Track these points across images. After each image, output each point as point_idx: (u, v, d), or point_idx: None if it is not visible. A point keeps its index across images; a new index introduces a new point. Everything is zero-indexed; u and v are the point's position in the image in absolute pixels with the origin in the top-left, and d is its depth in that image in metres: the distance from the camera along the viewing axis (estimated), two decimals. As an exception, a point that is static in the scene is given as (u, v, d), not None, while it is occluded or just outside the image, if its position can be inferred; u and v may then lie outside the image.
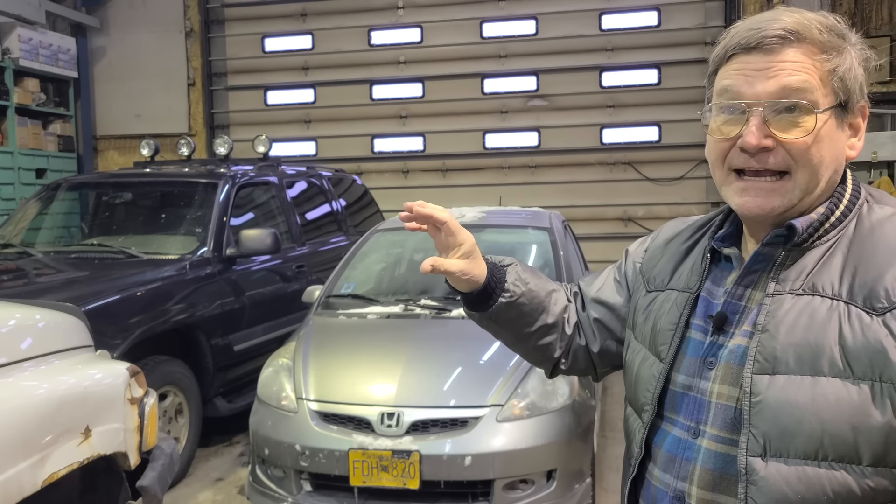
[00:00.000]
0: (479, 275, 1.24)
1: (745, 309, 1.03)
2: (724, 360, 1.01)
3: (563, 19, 8.34)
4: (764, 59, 0.99)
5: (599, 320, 1.30)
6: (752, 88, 1.00)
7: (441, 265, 1.20)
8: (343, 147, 8.84)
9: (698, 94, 8.18)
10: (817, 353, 0.93)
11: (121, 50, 9.16)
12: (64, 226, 5.47)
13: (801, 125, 0.98)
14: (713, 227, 1.16)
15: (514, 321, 1.28)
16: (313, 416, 3.30)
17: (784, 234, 1.01)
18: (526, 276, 1.28)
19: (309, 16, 8.90)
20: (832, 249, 1.00)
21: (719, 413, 1.00)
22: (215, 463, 4.52)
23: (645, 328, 1.16)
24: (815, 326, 0.95)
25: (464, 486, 3.14)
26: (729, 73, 1.03)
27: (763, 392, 0.95)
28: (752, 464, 0.94)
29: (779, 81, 0.98)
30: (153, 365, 3.95)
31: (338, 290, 4.35)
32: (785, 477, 0.92)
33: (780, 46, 0.98)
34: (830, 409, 0.91)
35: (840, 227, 1.01)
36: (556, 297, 1.31)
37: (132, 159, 6.96)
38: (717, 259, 1.12)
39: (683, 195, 8.18)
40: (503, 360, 3.42)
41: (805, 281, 0.98)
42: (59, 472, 2.14)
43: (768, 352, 0.96)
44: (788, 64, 0.98)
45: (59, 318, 2.54)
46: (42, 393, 2.17)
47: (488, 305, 1.26)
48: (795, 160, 0.99)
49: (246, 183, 5.19)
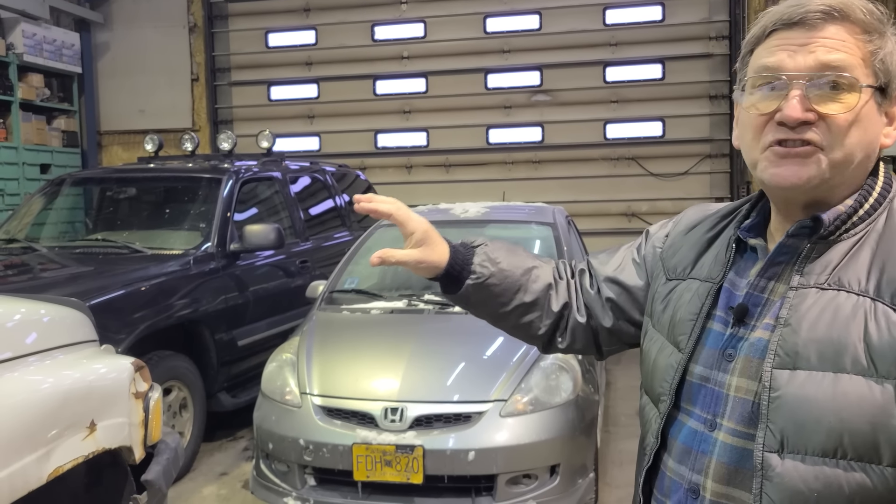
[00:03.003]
0: (438, 260, 1.22)
1: (767, 301, 1.00)
2: (744, 353, 0.99)
3: (566, 14, 8.31)
4: (806, 34, 0.97)
5: (613, 300, 1.27)
6: (793, 61, 0.97)
7: (391, 256, 1.18)
8: (346, 142, 8.84)
9: (703, 90, 8.16)
10: (840, 350, 0.91)
11: (124, 45, 9.16)
12: (68, 221, 5.48)
13: (843, 101, 0.95)
14: (739, 217, 1.13)
15: (487, 301, 1.26)
16: (317, 410, 3.30)
17: (810, 225, 0.99)
18: (497, 256, 1.26)
19: (312, 11, 8.89)
20: (860, 243, 0.97)
21: (737, 406, 0.98)
22: (219, 457, 4.53)
23: (664, 317, 1.14)
24: (839, 322, 0.92)
25: (467, 481, 3.14)
26: (769, 49, 1.00)
27: (782, 387, 0.93)
28: (768, 459, 0.93)
29: (820, 57, 0.96)
30: (157, 360, 3.96)
31: (341, 286, 4.35)
32: (801, 474, 0.91)
33: (823, 22, 0.96)
34: (851, 407, 0.89)
35: (869, 220, 0.98)
36: (537, 275, 1.28)
37: (136, 155, 6.95)
38: (741, 250, 1.09)
39: (687, 190, 8.16)
40: (507, 355, 3.42)
41: (830, 275, 0.96)
42: (64, 466, 2.15)
43: (790, 346, 0.94)
44: (830, 41, 0.96)
45: (64, 313, 2.55)
46: (47, 387, 2.17)
47: (458, 288, 1.25)
48: (833, 136, 0.96)
49: (249, 178, 5.20)
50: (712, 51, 8.10)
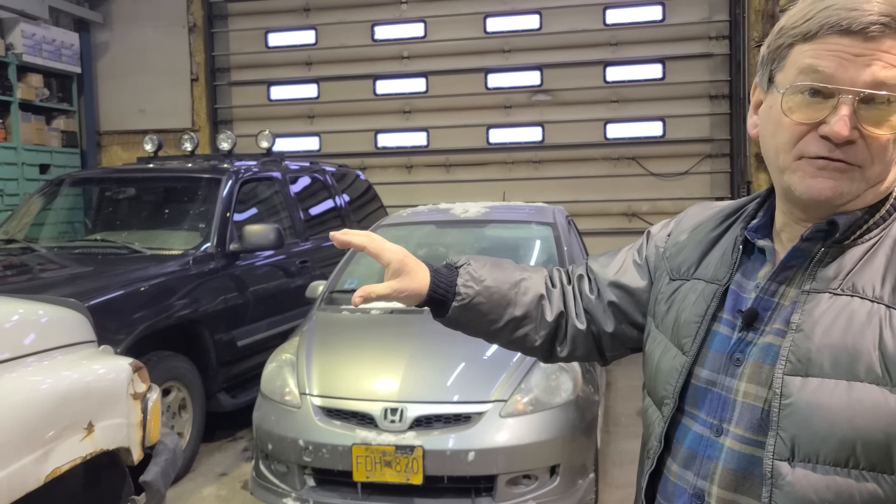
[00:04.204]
0: (417, 288, 1.21)
1: (777, 306, 0.98)
2: (753, 358, 0.97)
3: (566, 14, 8.31)
4: (863, 45, 0.91)
5: (615, 303, 1.24)
6: (846, 73, 0.91)
7: (371, 293, 1.17)
8: (346, 142, 8.83)
9: (703, 89, 8.15)
10: (854, 357, 0.89)
11: (124, 45, 9.16)
12: (67, 221, 5.47)
13: (890, 122, 0.91)
14: (745, 216, 1.10)
15: (477, 321, 1.24)
16: (317, 411, 3.30)
17: (825, 229, 0.96)
18: (481, 274, 1.23)
19: (312, 11, 8.88)
20: (874, 249, 0.95)
21: (745, 413, 0.96)
22: (219, 458, 4.52)
23: (668, 318, 1.11)
24: (853, 329, 0.90)
25: (467, 482, 3.14)
26: (818, 53, 0.93)
27: (794, 394, 0.91)
28: (778, 468, 0.91)
29: (875, 72, 0.90)
30: (157, 360, 3.95)
31: (341, 286, 4.34)
32: (812, 483, 0.89)
33: (882, 35, 0.90)
34: (866, 415, 0.87)
35: (884, 225, 0.96)
36: (526, 287, 1.26)
37: (135, 155, 6.95)
38: (748, 251, 1.06)
39: (688, 190, 8.16)
40: (507, 356, 3.40)
41: (844, 280, 0.94)
42: (62, 468, 2.14)
43: (802, 353, 0.92)
44: (887, 56, 0.91)
45: (63, 314, 2.54)
46: (45, 388, 2.17)
47: (445, 311, 1.23)
48: (873, 154, 0.93)
49: (249, 178, 5.19)
50: (712, 50, 8.09)
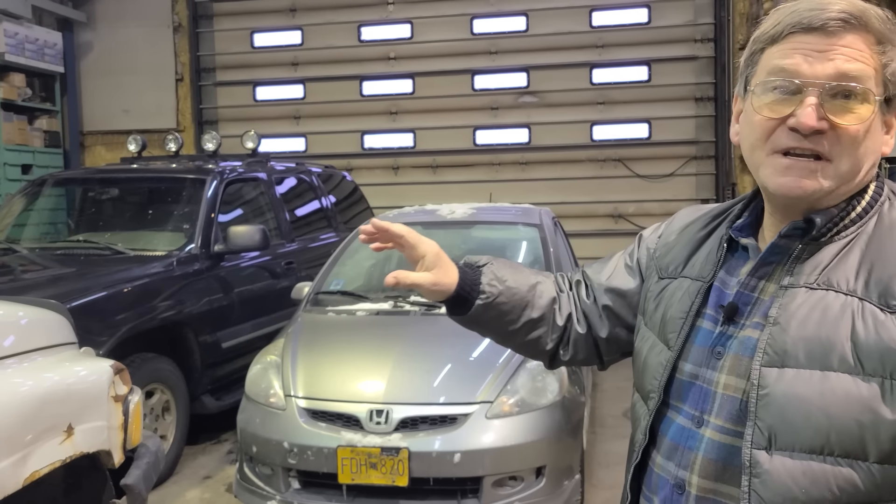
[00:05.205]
0: (449, 283, 1.23)
1: (757, 300, 1.02)
2: (733, 351, 1.01)
3: (553, 16, 8.32)
4: (825, 40, 0.96)
5: (610, 307, 1.27)
6: (810, 68, 0.96)
7: (406, 279, 1.19)
8: (333, 143, 8.80)
9: (688, 92, 8.19)
10: (828, 348, 0.92)
11: (108, 45, 9.07)
12: (50, 222, 5.42)
13: (856, 112, 0.95)
14: (731, 217, 1.14)
15: (497, 320, 1.26)
16: (302, 413, 3.28)
17: (802, 227, 1.00)
18: (503, 274, 1.26)
19: (298, 11, 8.84)
20: (850, 245, 0.98)
21: (725, 404, 0.99)
22: (203, 461, 4.49)
23: (655, 315, 1.15)
24: (827, 321, 0.94)
25: (453, 483, 3.13)
26: (784, 52, 0.98)
27: (771, 385, 0.94)
28: (756, 456, 0.94)
29: (838, 65, 0.95)
30: (140, 362, 3.92)
31: (327, 287, 4.32)
32: (789, 471, 0.92)
33: (842, 31, 0.95)
34: (839, 404, 0.90)
35: (860, 223, 1.00)
36: (541, 290, 1.28)
37: (119, 155, 6.88)
38: (733, 249, 1.10)
39: (674, 192, 8.19)
40: (493, 357, 3.40)
41: (820, 275, 0.97)
42: (41, 471, 2.12)
43: (778, 345, 0.95)
44: (849, 50, 0.95)
45: (43, 315, 2.51)
46: (24, 390, 2.14)
47: (467, 309, 1.24)
48: (842, 147, 0.96)
49: (234, 179, 5.16)
50: (697, 53, 8.14)
